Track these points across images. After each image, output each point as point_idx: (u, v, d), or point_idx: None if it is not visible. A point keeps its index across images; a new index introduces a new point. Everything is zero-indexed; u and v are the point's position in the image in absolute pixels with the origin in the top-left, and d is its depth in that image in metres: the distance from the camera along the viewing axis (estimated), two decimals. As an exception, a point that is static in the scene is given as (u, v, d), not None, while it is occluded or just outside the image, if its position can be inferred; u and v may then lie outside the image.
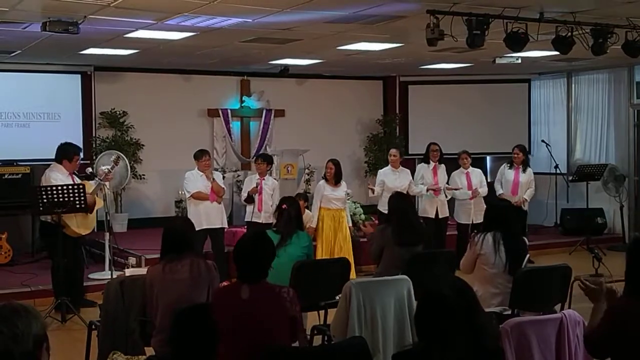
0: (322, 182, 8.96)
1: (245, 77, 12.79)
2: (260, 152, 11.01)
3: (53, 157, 7.78)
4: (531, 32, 7.11)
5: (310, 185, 11.64)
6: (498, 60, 10.20)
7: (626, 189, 12.07)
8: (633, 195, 12.24)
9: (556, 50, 7.52)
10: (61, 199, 7.17)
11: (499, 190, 9.91)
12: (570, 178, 12.38)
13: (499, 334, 3.80)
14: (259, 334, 3.72)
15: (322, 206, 8.88)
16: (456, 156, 10.09)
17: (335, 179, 8.82)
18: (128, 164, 9.86)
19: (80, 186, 7.34)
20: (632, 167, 12.27)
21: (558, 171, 12.53)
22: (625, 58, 8.14)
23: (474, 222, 9.35)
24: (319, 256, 8.56)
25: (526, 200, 9.91)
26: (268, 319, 3.78)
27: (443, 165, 9.76)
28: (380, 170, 9.80)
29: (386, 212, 8.69)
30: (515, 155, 9.98)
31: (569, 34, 7.34)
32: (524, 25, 7.03)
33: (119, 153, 9.49)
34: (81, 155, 7.89)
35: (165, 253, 4.59)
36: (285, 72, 12.04)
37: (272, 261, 3.95)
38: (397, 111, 13.83)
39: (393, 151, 9.72)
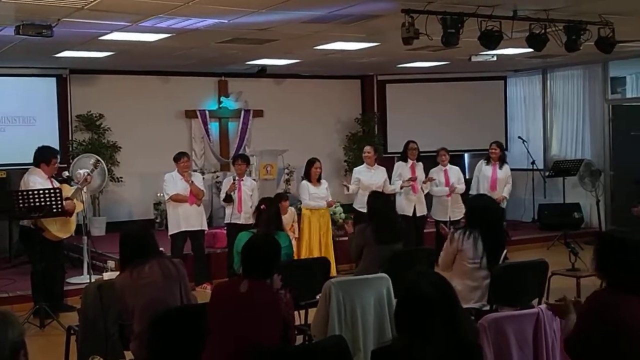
0: (305, 182, 9.01)
1: (223, 77, 12.76)
2: (239, 153, 11.00)
3: (29, 161, 7.73)
4: (505, 29, 7.15)
5: (290, 185, 11.65)
6: (474, 58, 10.28)
7: (602, 184, 12.18)
8: (609, 190, 12.36)
9: (530, 47, 7.56)
10: (38, 204, 7.11)
11: (474, 188, 9.88)
12: (547, 174, 12.48)
13: (478, 330, 3.83)
14: (250, 328, 3.76)
15: (307, 206, 8.93)
16: (434, 153, 10.13)
17: (318, 178, 8.99)
18: (106, 168, 9.80)
19: (57, 190, 7.28)
20: (608, 162, 12.40)
21: (535, 167, 12.63)
22: (599, 54, 8.22)
23: (452, 219, 9.41)
24: (304, 255, 8.59)
25: (505, 197, 9.94)
26: (261, 315, 3.82)
27: (421, 163, 9.79)
28: (355, 168, 9.83)
29: (362, 210, 8.81)
30: (492, 152, 10.01)
31: (543, 31, 7.40)
32: (498, 23, 7.07)
33: (97, 157, 9.46)
34: (59, 158, 7.83)
35: (129, 260, 4.54)
36: (263, 72, 12.03)
37: (277, 264, 4.08)
38: (376, 110, 13.87)
39: (367, 148, 9.71)
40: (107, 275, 5.91)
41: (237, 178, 8.83)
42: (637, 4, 7.07)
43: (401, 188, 9.41)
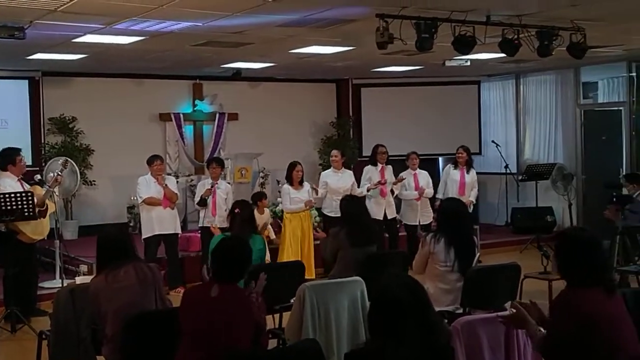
0: (286, 185, 9.03)
1: (198, 80, 12.73)
2: (214, 156, 10.97)
3: (1, 164, 7.65)
4: (479, 35, 7.19)
5: (264, 188, 11.63)
6: (447, 63, 10.32)
7: (574, 187, 12.33)
8: (581, 193, 12.50)
9: (503, 52, 7.63)
10: (9, 207, 7.04)
11: (441, 192, 9.85)
12: (520, 177, 12.60)
13: (450, 332, 3.86)
14: (222, 333, 3.74)
15: (289, 210, 8.93)
16: (404, 157, 10.11)
17: (300, 181, 9.02)
18: (77, 170, 9.73)
19: (29, 193, 7.21)
20: (580, 166, 12.54)
21: (508, 171, 12.75)
22: (571, 59, 8.29)
23: (421, 223, 9.43)
24: (286, 258, 8.58)
25: (472, 202, 9.90)
26: (233, 319, 3.79)
27: (390, 167, 9.73)
28: (322, 173, 9.84)
29: (331, 214, 8.87)
30: (459, 156, 9.92)
31: (516, 36, 7.46)
32: (471, 29, 7.10)
33: (67, 158, 9.40)
34: (22, 154, 7.76)
35: (105, 263, 4.54)
36: (238, 76, 12.01)
37: (248, 267, 4.06)
38: (351, 113, 13.90)
39: (334, 152, 9.71)
40: (79, 280, 5.88)
41: (213, 183, 8.81)
42: (608, 10, 7.16)
43: (368, 190, 9.37)
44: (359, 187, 9.45)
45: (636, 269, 6.09)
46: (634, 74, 11.64)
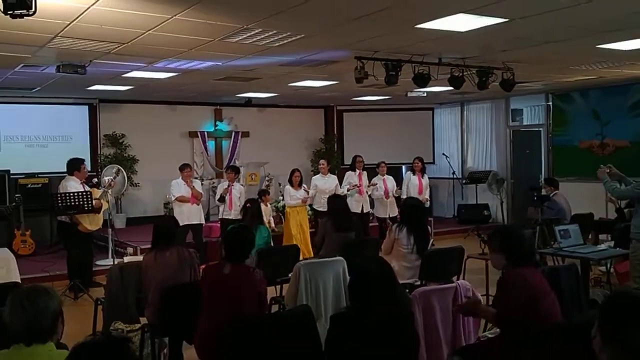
0: (288, 186, 9.01)
1: (218, 106, 12.70)
2: (230, 165, 10.94)
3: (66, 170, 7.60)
4: (433, 72, 7.23)
5: (269, 189, 11.58)
6: (409, 94, 10.33)
7: (505, 189, 12.38)
8: (510, 194, 12.55)
9: (451, 86, 7.63)
10: (73, 203, 7.02)
11: (404, 194, 9.74)
12: (464, 181, 12.65)
13: (410, 300, 3.86)
14: (234, 301, 3.71)
15: (289, 205, 8.90)
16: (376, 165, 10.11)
17: (299, 183, 8.96)
18: (125, 175, 9.69)
19: (88, 193, 7.18)
20: (509, 173, 12.59)
21: (455, 176, 12.80)
22: (503, 92, 8.32)
23: (390, 216, 9.44)
24: (292, 242, 8.52)
25: (427, 199, 9.93)
26: (242, 291, 3.76)
27: (365, 172, 9.73)
28: (313, 177, 9.80)
29: (320, 209, 8.85)
30: (416, 164, 9.86)
31: (461, 74, 7.49)
32: (427, 68, 7.14)
33: (119, 167, 9.36)
34: (86, 163, 7.73)
35: (155, 244, 4.52)
36: (249, 103, 12.01)
37: (252, 249, 4.00)
38: (335, 132, 13.90)
39: (322, 161, 9.73)
40: (127, 259, 5.84)
41: (230, 184, 8.80)
42: (530, 55, 7.21)
43: (348, 191, 9.36)
44: (341, 188, 9.44)
45: (552, 251, 6.10)
46: (550, 103, 11.69)
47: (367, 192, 9.59)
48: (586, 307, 4.46)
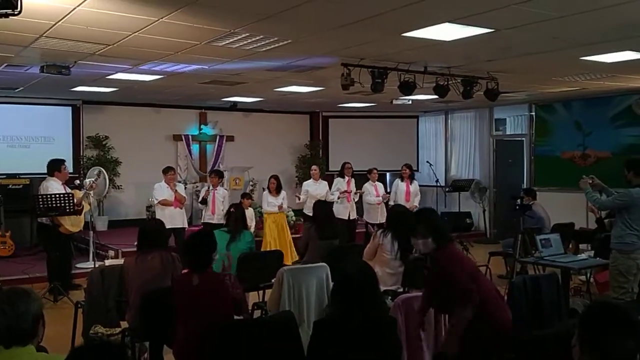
0: (266, 192, 8.99)
1: (203, 110, 12.66)
2: (214, 169, 10.90)
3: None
4: (418, 81, 7.26)
5: (253, 194, 11.57)
6: (395, 102, 10.37)
7: (487, 197, 12.48)
8: (492, 202, 12.62)
9: (436, 94, 7.68)
10: (54, 205, 6.95)
11: (392, 199, 9.85)
12: (447, 189, 12.72)
13: (388, 307, 3.86)
14: (207, 312, 3.64)
15: (265, 211, 8.89)
16: (364, 172, 10.14)
17: (276, 190, 8.89)
18: (107, 178, 9.60)
19: (70, 195, 7.12)
20: (492, 181, 12.68)
21: (438, 184, 12.83)
22: (487, 101, 8.37)
23: (380, 222, 9.44)
24: (268, 247, 8.52)
25: (416, 206, 9.94)
26: (214, 300, 3.68)
27: (353, 179, 9.82)
28: (304, 182, 9.80)
29: (311, 214, 8.80)
30: (404, 171, 9.91)
31: (446, 83, 7.53)
32: (412, 76, 7.18)
33: (101, 168, 9.29)
34: (66, 164, 7.66)
35: (140, 247, 4.48)
36: (234, 107, 11.98)
37: (213, 252, 3.78)
38: (320, 138, 13.92)
39: (314, 167, 9.75)
40: (108, 262, 5.77)
41: (211, 188, 8.77)
42: (515, 65, 7.29)
43: (338, 198, 9.42)
44: (331, 194, 9.47)
45: (533, 260, 6.16)
46: (533, 113, 11.81)
47: (354, 199, 9.62)
48: (566, 316, 4.51)
